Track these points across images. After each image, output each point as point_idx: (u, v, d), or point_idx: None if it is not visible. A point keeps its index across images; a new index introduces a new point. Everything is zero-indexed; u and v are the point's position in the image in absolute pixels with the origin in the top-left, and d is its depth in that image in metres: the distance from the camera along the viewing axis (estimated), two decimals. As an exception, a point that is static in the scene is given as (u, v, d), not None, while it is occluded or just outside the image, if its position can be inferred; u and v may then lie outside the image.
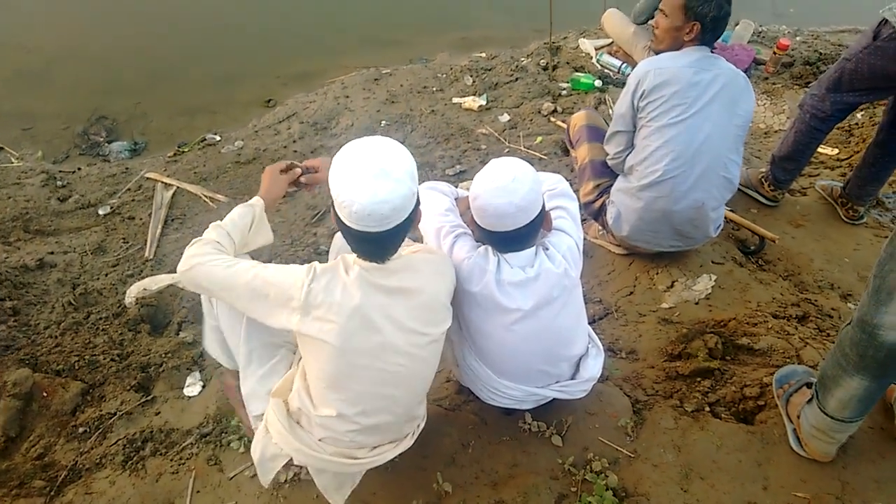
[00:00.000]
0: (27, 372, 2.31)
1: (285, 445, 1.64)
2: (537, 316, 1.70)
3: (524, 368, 1.82)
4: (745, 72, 4.22)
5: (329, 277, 1.46)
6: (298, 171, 1.90)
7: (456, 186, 2.03)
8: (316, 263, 1.48)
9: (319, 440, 1.62)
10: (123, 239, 3.22)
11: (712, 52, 2.43)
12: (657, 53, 2.53)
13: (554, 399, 1.92)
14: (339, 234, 1.88)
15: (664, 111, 2.36)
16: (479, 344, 1.81)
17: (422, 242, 1.79)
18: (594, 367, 1.90)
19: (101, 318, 2.68)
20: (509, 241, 1.65)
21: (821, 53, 4.79)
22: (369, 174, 1.33)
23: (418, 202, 1.45)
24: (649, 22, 3.46)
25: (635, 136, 2.51)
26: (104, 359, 2.49)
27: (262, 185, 1.84)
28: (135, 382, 2.41)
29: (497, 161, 1.65)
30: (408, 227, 1.44)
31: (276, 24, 5.75)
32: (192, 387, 2.40)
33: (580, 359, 1.90)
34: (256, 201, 1.77)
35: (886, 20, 2.39)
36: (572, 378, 1.90)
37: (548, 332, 1.75)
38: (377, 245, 1.44)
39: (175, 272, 1.65)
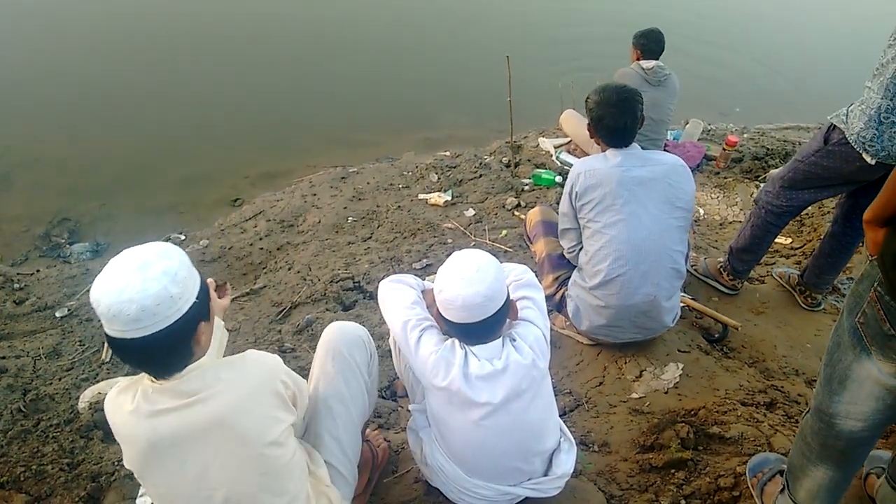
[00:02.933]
0: (-34, 486, 2.16)
1: None
2: (508, 410, 1.65)
3: (496, 466, 1.76)
4: (696, 167, 4.45)
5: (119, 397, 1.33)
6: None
7: (423, 279, 2.03)
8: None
9: None
10: (80, 341, 3.11)
11: (665, 148, 2.54)
12: None
13: (526, 498, 1.85)
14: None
15: (599, 212, 2.43)
16: (448, 441, 1.76)
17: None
18: (567, 462, 1.84)
19: (51, 426, 2.54)
20: (475, 332, 1.63)
21: (768, 149, 5.07)
22: (120, 270, 1.19)
23: (198, 311, 1.28)
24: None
25: (582, 233, 2.57)
26: (52, 468, 2.34)
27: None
28: (84, 493, 2.26)
29: (459, 253, 1.65)
30: (180, 334, 1.25)
31: (245, 126, 5.90)
32: (146, 496, 2.26)
33: (553, 454, 1.85)
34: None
35: (835, 126, 2.48)
36: (545, 475, 1.83)
37: (519, 426, 1.71)
38: (142, 359, 1.26)
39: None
